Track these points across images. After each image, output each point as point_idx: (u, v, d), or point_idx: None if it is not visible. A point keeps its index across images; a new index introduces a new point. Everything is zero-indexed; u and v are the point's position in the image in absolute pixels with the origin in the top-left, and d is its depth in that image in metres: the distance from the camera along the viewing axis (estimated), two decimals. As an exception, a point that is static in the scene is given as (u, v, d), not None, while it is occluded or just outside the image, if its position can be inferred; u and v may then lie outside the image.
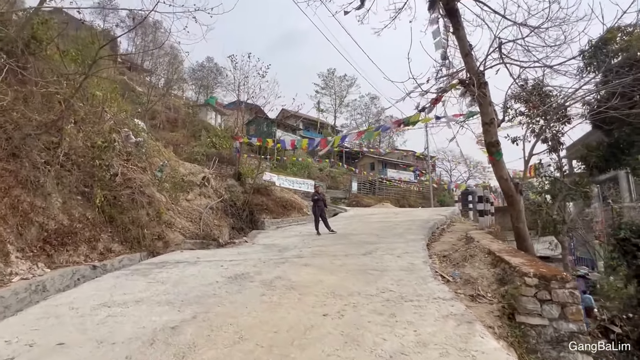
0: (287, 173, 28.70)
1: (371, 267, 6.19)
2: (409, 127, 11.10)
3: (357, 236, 10.16)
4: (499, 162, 8.83)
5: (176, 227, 10.20)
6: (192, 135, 29.34)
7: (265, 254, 8.00)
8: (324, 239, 9.93)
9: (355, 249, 8.09)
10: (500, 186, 9.07)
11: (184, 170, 14.56)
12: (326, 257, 7.29)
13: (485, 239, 7.71)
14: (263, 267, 6.48)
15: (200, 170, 16.73)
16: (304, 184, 27.84)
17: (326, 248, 8.41)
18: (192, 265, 6.89)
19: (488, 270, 5.69)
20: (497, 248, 6.47)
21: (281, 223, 15.80)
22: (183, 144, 26.30)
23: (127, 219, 8.77)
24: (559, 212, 9.59)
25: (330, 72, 45.90)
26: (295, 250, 8.33)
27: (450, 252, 7.57)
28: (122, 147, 10.40)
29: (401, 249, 7.85)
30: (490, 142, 8.80)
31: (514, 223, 9.09)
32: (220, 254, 8.40)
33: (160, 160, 12.61)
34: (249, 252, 8.54)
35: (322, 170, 34.09)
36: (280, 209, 17.01)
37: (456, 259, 6.74)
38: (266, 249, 8.95)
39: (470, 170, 50.90)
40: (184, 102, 40.66)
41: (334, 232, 11.06)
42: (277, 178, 26.42)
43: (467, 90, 8.99)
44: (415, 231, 10.50)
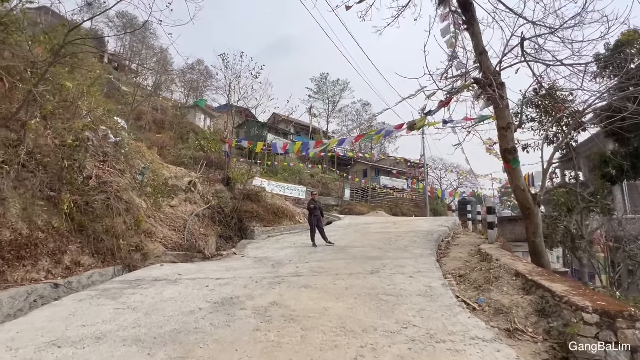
0: (278, 178, 27.71)
1: (382, 290, 5.29)
2: (413, 131, 10.30)
3: (357, 249, 9.27)
4: (515, 171, 8.06)
5: (157, 237, 9.17)
6: (180, 137, 28.18)
7: (257, 270, 7.05)
8: (322, 252, 9.01)
9: (359, 265, 7.19)
10: (515, 197, 8.30)
11: (169, 173, 13.54)
12: (327, 275, 6.36)
13: (504, 256, 6.88)
14: (255, 288, 5.53)
15: (187, 174, 15.71)
16: (295, 190, 26.88)
17: (326, 264, 7.49)
18: (172, 285, 5.90)
19: (521, 297, 4.84)
20: (524, 269, 5.65)
21: (272, 232, 14.83)
22: (169, 146, 25.14)
23: (100, 227, 7.75)
24: (577, 226, 8.88)
25: (323, 76, 45.25)
26: (290, 266, 7.39)
27: (467, 270, 6.71)
28: (97, 147, 9.37)
29: (411, 266, 6.98)
30: (506, 148, 8.03)
31: (530, 237, 8.31)
32: (206, 269, 7.41)
33: (142, 163, 11.58)
34: (239, 266, 7.57)
35: (313, 176, 33.18)
36: (271, 216, 16.03)
37: (477, 281, 5.89)
38: (258, 263, 7.99)
39: (460, 179, 50.64)
40: (172, 103, 39.47)
41: (332, 243, 10.15)
42: (268, 183, 25.42)
43: (482, 91, 8.23)
44: (420, 244, 9.65)
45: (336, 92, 44.91)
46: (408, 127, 10.45)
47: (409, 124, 10.40)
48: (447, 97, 9.26)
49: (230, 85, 17.58)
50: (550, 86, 9.87)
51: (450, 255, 8.46)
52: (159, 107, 33.70)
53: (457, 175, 47.90)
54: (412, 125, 10.30)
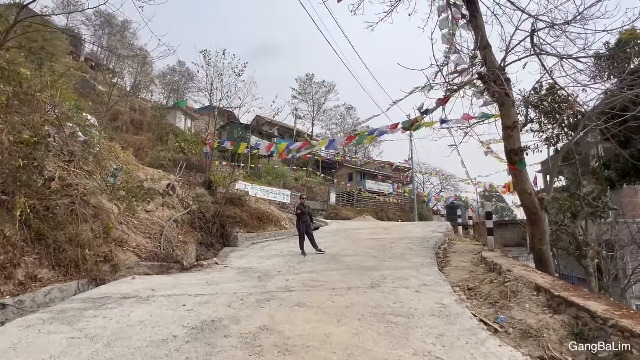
0: (262, 182, 26.84)
1: (389, 309, 4.59)
2: (410, 131, 9.69)
3: (351, 258, 8.56)
4: (521, 173, 7.51)
5: (129, 246, 8.25)
6: (159, 138, 27.02)
7: (242, 284, 6.25)
8: (313, 262, 8.27)
9: (356, 277, 6.47)
10: (521, 201, 7.75)
11: (145, 175, 12.57)
12: (323, 290, 5.62)
13: (515, 266, 6.29)
14: (241, 308, 4.75)
15: (165, 176, 14.75)
16: (280, 194, 26.04)
17: (319, 275, 6.75)
18: (143, 303, 5.06)
19: (550, 316, 4.22)
20: (545, 282, 5.04)
21: (256, 238, 13.99)
22: (148, 147, 23.99)
23: (62, 236, 6.83)
24: (583, 233, 8.43)
25: (309, 77, 44.46)
26: (279, 279, 6.61)
27: (475, 282, 6.08)
28: (62, 145, 8.42)
29: (414, 278, 6.30)
30: (512, 149, 7.48)
31: (536, 245, 7.78)
32: (184, 282, 6.57)
33: (115, 164, 10.62)
34: (221, 279, 6.75)
35: (298, 179, 32.40)
36: (256, 221, 15.19)
37: (491, 295, 5.25)
38: (242, 275, 7.18)
39: (443, 183, 50.67)
40: (151, 104, 38.13)
41: (322, 252, 9.41)
42: (251, 187, 24.51)
43: (486, 87, 7.68)
44: (418, 252, 9.02)
45: (321, 94, 44.26)
46: (404, 128, 9.85)
47: (404, 124, 9.80)
48: (447, 94, 8.70)
49: (212, 84, 16.71)
50: (552, 85, 9.43)
51: (452, 264, 7.84)
52: (137, 108, 32.38)
53: (440, 179, 47.97)
54: (408, 126, 9.70)
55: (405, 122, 9.72)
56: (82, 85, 27.50)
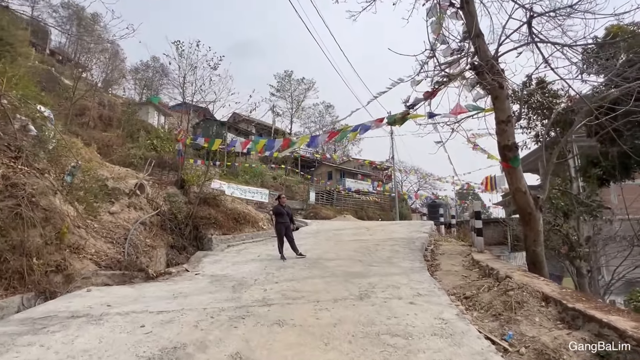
0: (239, 181, 25.93)
1: (383, 326, 3.97)
2: (395, 125, 9.14)
3: (334, 262, 7.93)
4: (515, 170, 7.06)
5: (87, 252, 7.36)
6: (130, 136, 25.69)
7: (214, 296, 5.52)
8: (293, 267, 7.60)
9: (343, 285, 5.85)
10: (515, 200, 7.30)
11: (110, 174, 11.58)
12: (305, 303, 4.97)
13: (513, 271, 5.81)
14: (210, 329, 4.04)
15: (133, 175, 13.76)
16: (258, 194, 25.20)
17: (300, 284, 6.09)
18: (94, 325, 4.27)
19: (566, 333, 3.69)
20: (553, 291, 4.55)
21: (233, 240, 13.19)
22: (117, 145, 22.70)
23: (4, 243, 5.93)
24: (576, 233, 8.10)
25: (287, 73, 43.53)
26: (257, 289, 5.91)
27: (472, 290, 5.56)
28: (9, 140, 7.45)
29: (406, 285, 5.73)
30: (506, 145, 7.02)
31: (530, 246, 7.36)
32: (147, 295, 5.78)
33: (75, 161, 9.65)
34: (190, 291, 5.99)
35: (276, 178, 31.59)
36: (232, 222, 14.37)
37: (493, 306, 4.72)
38: (215, 284, 6.44)
39: (420, 182, 50.84)
40: (122, 100, 36.45)
41: (303, 256, 8.74)
42: (228, 186, 23.58)
43: (479, 79, 7.19)
44: (405, 255, 8.49)
45: (301, 91, 43.46)
46: (389, 122, 9.30)
47: (389, 119, 9.25)
48: (435, 87, 8.18)
49: (185, 77, 15.75)
50: (541, 80, 9.06)
51: (442, 268, 7.32)
52: (107, 104, 30.80)
53: (418, 177, 48.03)
54: (393, 120, 9.15)
55: (391, 117, 9.17)
56: (47, 78, 25.88)
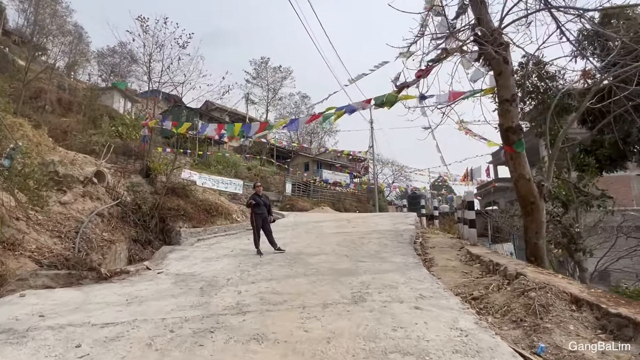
0: (211, 171, 24.60)
1: (390, 341, 3.16)
2: (383, 107, 8.34)
3: (318, 258, 7.08)
4: (519, 156, 6.39)
5: (25, 249, 6.21)
6: (92, 121, 23.85)
7: (177, 302, 4.56)
8: (272, 264, 6.70)
9: (331, 285, 5.01)
10: (517, 188, 6.64)
11: (63, 159, 10.25)
12: (289, 309, 4.10)
13: (525, 267, 5.14)
14: (168, 349, 3.11)
15: (92, 162, 12.43)
16: (232, 184, 24.00)
17: (281, 285, 5.21)
18: (12, 346, 3.26)
19: (614, 346, 3.00)
20: (582, 292, 3.87)
21: (203, 233, 12.13)
22: (77, 131, 20.94)
23: None
24: (574, 224, 7.60)
25: (264, 60, 41.95)
26: (229, 291, 4.99)
27: (480, 289, 4.84)
28: None
29: (404, 285, 4.95)
30: (510, 127, 6.33)
31: (531, 238, 6.74)
32: (94, 300, 4.76)
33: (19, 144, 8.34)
34: (149, 294, 5.00)
35: (251, 169, 30.36)
36: (203, 214, 13.30)
37: (511, 310, 4.00)
38: (180, 285, 5.47)
39: (395, 174, 50.67)
40: (86, 85, 34.08)
41: (282, 250, 7.85)
42: (199, 176, 22.25)
43: (481, 53, 6.46)
44: (394, 249, 7.75)
45: (277, 79, 42.02)
46: (376, 104, 8.48)
47: (377, 100, 8.43)
48: (429, 64, 7.41)
49: (152, 56, 14.39)
50: (539, 60, 8.45)
51: (438, 263, 6.60)
52: (67, 87, 28.63)
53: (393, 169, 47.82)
54: (381, 102, 8.34)
55: (379, 98, 8.36)
56: None
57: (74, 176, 9.62)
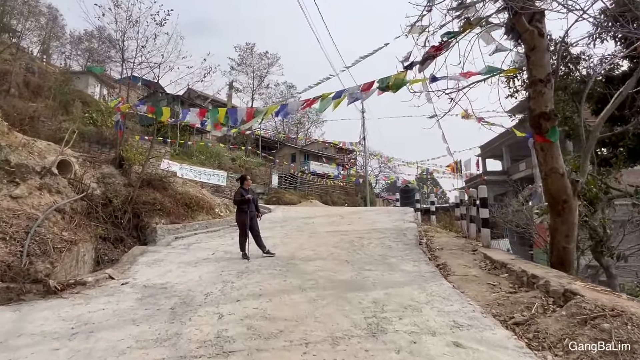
0: (193, 162, 23.29)
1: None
2: (388, 91, 7.31)
3: (314, 264, 6.06)
4: (552, 147, 5.46)
5: (-48, 256, 5.00)
6: (63, 107, 22.20)
7: (138, 332, 3.48)
8: (260, 272, 5.64)
9: (336, 306, 4.00)
10: (546, 185, 5.71)
11: (15, 145, 8.92)
12: (287, 346, 3.07)
13: (570, 281, 4.22)
14: None
15: (56, 150, 11.11)
16: (215, 176, 22.78)
17: (273, 304, 4.17)
18: None
19: None
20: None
21: (182, 230, 10.99)
22: (45, 117, 19.34)
23: None
24: (605, 224, 6.80)
25: (249, 46, 40.14)
26: (207, 314, 3.93)
27: (519, 310, 3.89)
28: None
29: (428, 305, 3.98)
30: (543, 112, 5.38)
31: (560, 242, 5.85)
32: (28, 328, 3.63)
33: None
34: (103, 318, 3.90)
35: (235, 160, 29.06)
36: (182, 209, 12.12)
37: (574, 342, 3.07)
38: (145, 304, 4.38)
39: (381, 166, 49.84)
40: (60, 69, 32.02)
41: (272, 254, 6.80)
42: (180, 167, 20.99)
43: (509, 24, 5.47)
44: (401, 252, 6.78)
45: (263, 65, 40.34)
46: (380, 87, 7.45)
47: (382, 83, 7.40)
48: (444, 39, 6.40)
49: (125, 34, 13.02)
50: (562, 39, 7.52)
51: (455, 270, 5.66)
52: (37, 70, 26.70)
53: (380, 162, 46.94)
54: (385, 86, 7.31)
55: (384, 80, 7.32)
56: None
57: (29, 166, 8.33)
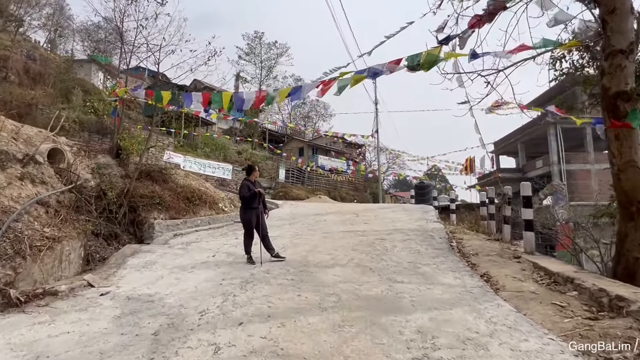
0: (198, 154, 22.41)
1: None
2: (418, 70, 6.27)
3: (333, 272, 5.08)
4: (631, 135, 4.41)
5: None
6: (64, 95, 21.40)
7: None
8: (268, 282, 4.68)
9: (370, 334, 3.02)
10: (619, 180, 4.66)
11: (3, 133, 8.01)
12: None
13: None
14: None
15: (49, 138, 10.26)
16: (220, 169, 21.88)
17: (287, 331, 3.20)
18: None
19: None
20: None
21: (182, 226, 10.08)
22: (45, 104, 18.50)
23: None
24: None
25: (258, 35, 38.96)
26: (200, 345, 2.97)
27: (615, 347, 2.90)
28: None
29: (496, 340, 2.98)
30: (621, 91, 4.33)
31: (631, 252, 4.83)
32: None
33: None
34: (62, 347, 2.96)
35: (241, 153, 28.14)
36: (183, 203, 11.21)
37: None
38: (124, 324, 3.44)
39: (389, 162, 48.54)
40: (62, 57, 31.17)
41: (282, 258, 5.82)
42: (184, 159, 20.12)
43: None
44: (433, 258, 5.78)
45: (272, 55, 39.17)
46: (408, 66, 6.41)
47: (410, 60, 6.36)
48: (493, 4, 5.35)
49: (124, 13, 12.08)
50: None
51: (504, 284, 4.64)
52: (38, 58, 25.88)
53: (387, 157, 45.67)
54: (417, 63, 6.27)
55: (413, 58, 6.28)
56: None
57: (9, 153, 7.42)
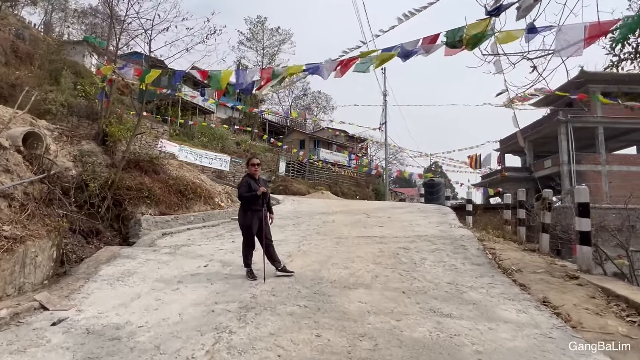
0: (194, 143, 21.25)
1: None
2: (458, 48, 5.15)
3: (357, 297, 3.99)
4: None
5: None
6: (53, 77, 20.12)
7: None
8: (274, 310, 3.59)
9: None
10: None
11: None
12: None
13: None
14: None
15: (27, 120, 9.20)
16: (217, 160, 20.73)
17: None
18: None
19: None
20: None
21: (173, 223, 9.00)
22: (30, 86, 17.25)
23: None
24: None
25: (260, 20, 37.32)
26: None
27: None
28: None
29: None
30: None
31: None
32: None
33: None
34: None
35: (240, 144, 26.95)
36: (175, 197, 10.13)
37: None
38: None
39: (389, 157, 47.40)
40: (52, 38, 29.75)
41: (290, 273, 4.73)
42: (179, 149, 18.96)
43: None
44: (476, 277, 4.71)
45: (274, 42, 37.71)
46: (447, 43, 5.29)
47: (452, 37, 5.24)
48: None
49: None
50: None
51: (579, 320, 3.59)
52: (28, 37, 24.50)
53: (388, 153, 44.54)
54: (459, 39, 5.15)
55: (455, 33, 5.17)
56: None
57: (-34, 135, 6.29)
